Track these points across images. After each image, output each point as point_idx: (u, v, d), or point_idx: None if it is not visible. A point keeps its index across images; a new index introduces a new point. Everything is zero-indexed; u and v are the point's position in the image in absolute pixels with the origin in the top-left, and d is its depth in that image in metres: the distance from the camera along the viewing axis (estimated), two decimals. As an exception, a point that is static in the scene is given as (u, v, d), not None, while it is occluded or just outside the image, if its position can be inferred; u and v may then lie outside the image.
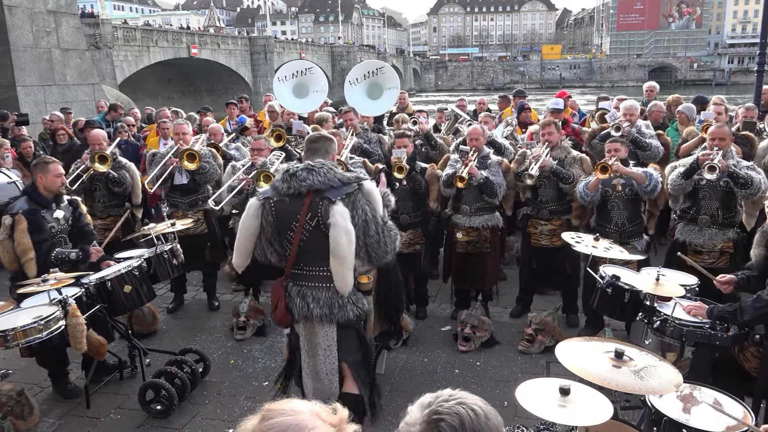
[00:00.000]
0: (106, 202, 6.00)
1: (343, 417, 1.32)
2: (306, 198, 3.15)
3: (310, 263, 3.25)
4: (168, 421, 4.14)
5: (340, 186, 3.15)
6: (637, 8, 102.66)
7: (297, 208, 3.17)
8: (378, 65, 7.52)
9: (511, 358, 4.95)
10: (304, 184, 3.14)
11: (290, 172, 3.20)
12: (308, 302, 3.22)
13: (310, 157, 3.33)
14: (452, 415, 1.35)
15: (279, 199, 3.21)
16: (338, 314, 3.23)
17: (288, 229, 3.20)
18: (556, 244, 5.39)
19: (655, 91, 8.51)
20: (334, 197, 3.09)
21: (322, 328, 3.27)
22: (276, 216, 3.22)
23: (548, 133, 5.35)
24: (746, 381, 3.35)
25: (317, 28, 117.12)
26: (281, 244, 3.27)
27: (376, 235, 3.16)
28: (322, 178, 3.14)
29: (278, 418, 1.26)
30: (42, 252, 4.35)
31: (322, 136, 3.47)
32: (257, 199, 3.29)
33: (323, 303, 3.22)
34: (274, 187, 3.26)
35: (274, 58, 47.46)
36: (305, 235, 3.18)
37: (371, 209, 3.19)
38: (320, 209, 3.12)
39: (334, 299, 3.23)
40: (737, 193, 4.67)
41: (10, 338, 3.63)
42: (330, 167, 3.20)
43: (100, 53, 28.61)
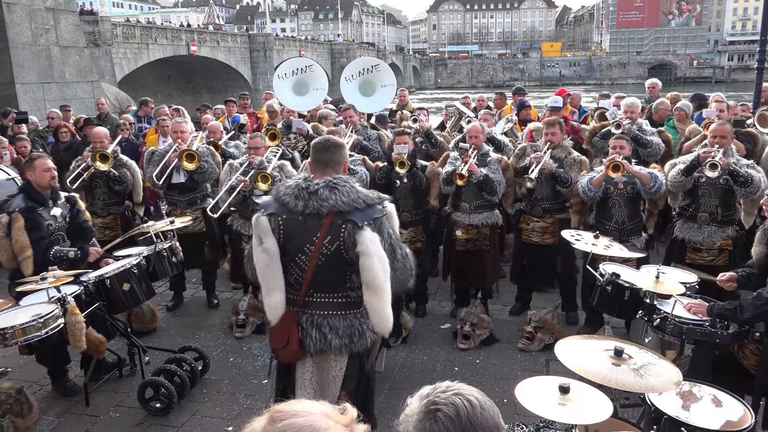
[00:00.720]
0: (106, 200, 5.99)
1: (353, 416, 1.32)
2: (326, 219, 2.78)
3: (325, 290, 2.89)
4: (167, 419, 4.14)
5: (365, 208, 2.79)
6: (637, 5, 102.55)
7: (313, 229, 2.79)
8: (373, 63, 7.53)
9: (511, 355, 4.95)
10: (325, 204, 2.76)
11: (309, 189, 2.80)
12: (325, 333, 2.87)
13: (322, 169, 2.91)
14: (448, 405, 1.37)
15: (290, 217, 2.82)
16: (358, 343, 2.91)
17: (299, 252, 2.83)
18: (547, 241, 5.40)
19: (657, 88, 8.50)
20: (360, 222, 2.74)
21: (336, 360, 2.95)
22: (284, 235, 2.84)
23: (552, 133, 5.34)
24: (746, 379, 3.35)
25: (317, 25, 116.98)
26: (284, 269, 2.89)
27: (402, 259, 2.89)
28: (346, 199, 2.77)
29: (290, 420, 1.25)
30: (40, 250, 4.34)
31: (331, 144, 3.01)
32: (263, 215, 2.87)
33: (342, 332, 2.88)
34: (283, 203, 2.84)
35: (273, 55, 47.39)
36: (321, 260, 2.82)
37: (395, 232, 2.91)
38: (343, 233, 2.76)
39: (354, 327, 2.91)
40: (737, 191, 4.67)
41: (8, 336, 3.62)
42: (353, 185, 2.84)
43: (99, 50, 28.53)
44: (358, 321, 2.93)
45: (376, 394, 4.32)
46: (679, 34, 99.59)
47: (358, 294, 2.86)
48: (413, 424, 1.39)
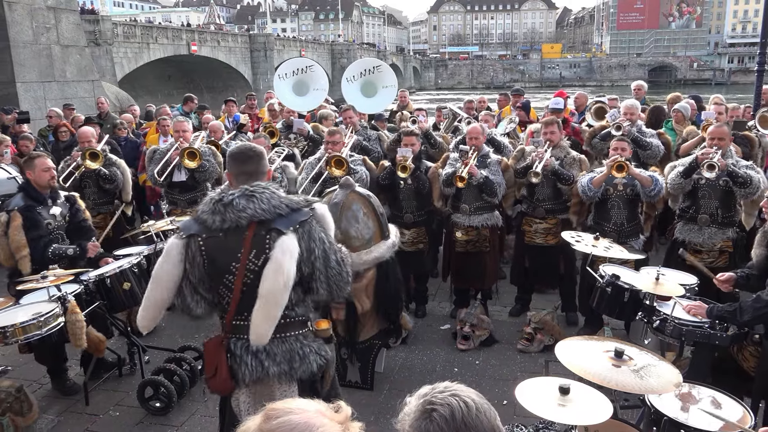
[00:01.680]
0: (96, 200, 5.98)
1: (348, 414, 1.33)
2: (248, 231, 2.51)
3: None
4: (167, 418, 4.14)
5: (289, 213, 2.53)
6: (638, 7, 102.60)
7: (236, 244, 2.52)
8: (375, 63, 7.53)
9: (510, 356, 4.95)
10: (243, 214, 2.49)
11: (223, 201, 2.54)
12: (261, 360, 2.57)
13: (244, 180, 2.61)
14: (444, 405, 1.37)
15: (209, 235, 2.55)
16: (300, 369, 2.60)
17: (225, 272, 2.56)
18: (551, 242, 5.41)
19: (643, 90, 8.55)
20: (285, 227, 2.48)
21: (280, 389, 2.63)
22: (207, 257, 2.56)
23: (551, 132, 5.35)
24: (745, 381, 3.35)
25: (317, 25, 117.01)
26: (213, 291, 2.64)
27: (337, 265, 2.62)
28: (266, 206, 2.50)
29: (285, 417, 1.25)
30: (38, 248, 4.34)
31: (251, 152, 2.69)
32: (178, 238, 2.60)
33: (281, 358, 2.58)
34: (201, 221, 2.58)
35: (274, 55, 47.41)
36: (249, 278, 2.53)
37: (327, 237, 2.62)
38: (268, 244, 2.48)
39: (293, 351, 2.60)
40: (736, 192, 4.68)
41: (9, 335, 3.63)
42: (273, 191, 2.57)
43: (100, 50, 28.54)
44: (299, 344, 2.63)
45: (376, 395, 4.35)
46: (679, 36, 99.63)
47: (298, 312, 2.63)
48: (409, 422, 1.39)
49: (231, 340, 2.64)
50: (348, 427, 1.30)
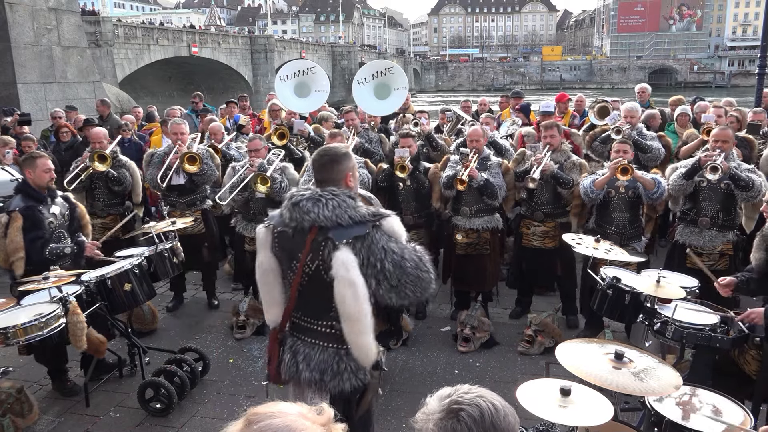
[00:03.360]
0: (106, 201, 6.00)
1: (330, 416, 1.32)
2: (309, 234, 2.52)
3: (309, 314, 2.65)
4: (167, 419, 4.14)
5: (350, 226, 2.48)
6: (638, 10, 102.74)
7: (299, 245, 2.55)
8: (387, 65, 7.51)
9: (511, 359, 4.95)
10: (307, 217, 2.50)
11: (293, 200, 2.56)
12: (298, 361, 2.62)
13: (320, 184, 2.63)
14: (473, 406, 1.36)
15: (283, 229, 2.60)
16: (330, 383, 2.58)
17: (288, 268, 2.62)
18: (548, 246, 5.41)
19: (647, 93, 8.51)
20: (338, 240, 2.45)
21: (312, 398, 2.61)
22: (279, 248, 2.63)
23: (550, 135, 5.35)
24: (746, 384, 3.35)
25: (318, 27, 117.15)
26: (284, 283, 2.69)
27: (415, 269, 2.52)
28: (329, 213, 2.47)
29: (266, 421, 1.24)
30: (36, 249, 4.34)
31: (331, 153, 2.67)
32: (264, 226, 2.69)
33: (314, 366, 2.59)
34: (281, 213, 2.64)
35: (274, 57, 47.47)
36: (305, 280, 2.57)
37: (398, 246, 2.53)
38: (322, 252, 2.49)
39: (328, 363, 2.59)
40: (738, 195, 4.69)
41: (10, 335, 3.63)
42: (343, 199, 2.52)
43: (101, 51, 28.56)
44: (337, 358, 2.60)
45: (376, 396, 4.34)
46: (679, 39, 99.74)
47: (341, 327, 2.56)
48: (434, 422, 1.38)
49: (288, 335, 2.71)
50: (330, 429, 1.29)
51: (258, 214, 5.55)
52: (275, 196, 5.41)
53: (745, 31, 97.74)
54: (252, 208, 5.55)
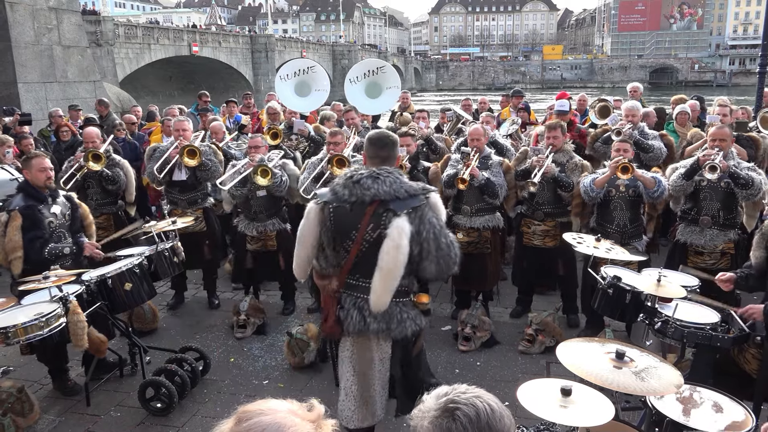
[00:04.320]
0: (99, 200, 5.99)
1: (320, 413, 1.32)
2: (369, 207, 2.97)
3: (367, 275, 3.01)
4: (168, 419, 4.14)
5: (406, 198, 2.95)
6: (639, 9, 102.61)
7: (358, 217, 2.99)
8: (379, 64, 7.52)
9: (512, 358, 4.95)
10: (368, 192, 2.95)
11: (354, 178, 3.01)
12: (365, 316, 3.03)
13: (378, 163, 3.10)
14: (469, 405, 1.36)
15: (339, 205, 3.03)
16: (396, 330, 3.04)
17: (346, 237, 3.03)
18: (549, 245, 5.40)
19: (639, 92, 8.46)
20: (399, 210, 2.91)
21: (377, 342, 3.10)
22: (334, 222, 3.04)
23: (554, 136, 5.34)
24: (747, 383, 3.35)
25: (318, 26, 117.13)
26: (334, 251, 3.11)
27: (447, 247, 2.97)
28: (387, 188, 2.94)
29: (255, 419, 1.24)
30: (35, 248, 4.34)
31: (387, 139, 3.19)
32: (315, 203, 3.09)
33: (381, 317, 3.02)
34: (334, 191, 3.06)
35: (275, 56, 47.47)
36: (364, 246, 3.00)
37: (438, 221, 3.00)
38: (384, 221, 2.93)
39: (392, 314, 3.04)
40: (738, 194, 4.68)
41: (10, 335, 3.63)
42: (397, 176, 3.01)
43: (102, 50, 28.59)
44: (399, 309, 3.05)
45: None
46: (680, 38, 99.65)
47: (402, 283, 2.99)
48: (429, 419, 1.37)
49: (343, 294, 3.11)
50: (320, 425, 1.29)
51: (259, 212, 5.56)
52: (275, 191, 5.42)
53: (746, 30, 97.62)
54: (253, 207, 5.56)
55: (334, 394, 4.24)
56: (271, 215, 5.60)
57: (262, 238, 5.64)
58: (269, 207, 5.58)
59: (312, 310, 5.85)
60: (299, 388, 4.54)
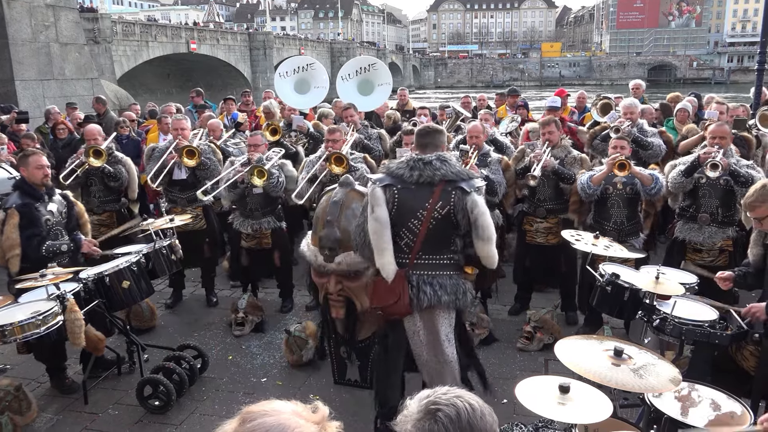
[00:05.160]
0: (101, 197, 5.99)
1: (325, 414, 1.32)
2: (437, 187, 3.21)
3: (434, 252, 3.29)
4: (166, 416, 4.14)
5: (468, 179, 3.25)
6: (637, 6, 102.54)
7: (425, 196, 3.22)
8: (370, 61, 7.53)
9: (510, 355, 4.95)
10: (438, 173, 3.21)
11: (424, 160, 3.27)
12: (436, 290, 3.27)
13: (423, 150, 3.37)
14: (449, 406, 1.37)
15: (404, 186, 3.25)
16: (462, 300, 3.34)
17: (412, 217, 3.25)
18: (552, 242, 5.40)
19: (641, 89, 8.42)
20: (468, 188, 3.20)
21: (442, 315, 3.34)
22: (398, 204, 3.25)
23: (549, 132, 5.34)
24: (745, 380, 3.35)
25: (317, 24, 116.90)
26: (395, 234, 3.28)
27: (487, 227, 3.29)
28: (455, 170, 3.24)
29: (259, 420, 1.25)
30: (33, 246, 4.33)
31: (432, 129, 3.50)
32: (378, 187, 3.28)
33: (450, 290, 3.29)
34: (396, 175, 3.28)
35: (273, 53, 47.37)
36: (432, 224, 3.22)
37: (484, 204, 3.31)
38: (453, 198, 3.20)
39: (459, 285, 3.32)
40: (737, 191, 4.68)
41: (7, 333, 3.61)
42: (456, 161, 3.35)
43: (99, 48, 28.49)
44: (462, 281, 3.35)
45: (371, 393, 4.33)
46: (678, 35, 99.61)
47: (458, 258, 3.35)
48: (412, 423, 1.39)
49: (412, 274, 3.29)
50: (325, 427, 1.29)
51: (255, 209, 5.55)
52: (271, 191, 5.40)
53: (745, 27, 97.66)
54: (249, 204, 5.55)
55: (333, 392, 4.27)
56: (266, 213, 5.59)
57: (257, 236, 5.63)
58: (265, 205, 5.57)
59: (310, 307, 5.84)
60: (297, 385, 4.54)
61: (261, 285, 6.21)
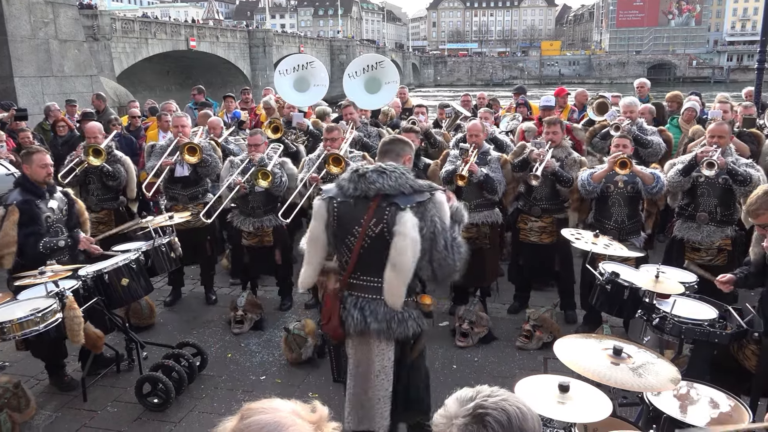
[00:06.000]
0: (100, 196, 5.97)
1: (323, 415, 1.31)
2: (372, 202, 2.91)
3: (369, 273, 2.99)
4: (165, 414, 4.14)
5: (411, 193, 2.90)
6: (637, 5, 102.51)
7: (361, 211, 2.94)
8: (378, 59, 7.51)
9: (509, 354, 4.95)
10: (372, 186, 2.90)
11: (359, 172, 2.96)
12: (366, 315, 2.97)
13: (382, 159, 3.13)
14: (499, 410, 1.33)
15: (343, 200, 2.98)
16: (397, 330, 2.97)
17: (348, 233, 2.97)
18: (545, 241, 5.40)
19: (646, 88, 8.33)
20: (403, 204, 2.85)
21: (378, 345, 3.02)
22: (338, 218, 2.99)
23: (553, 132, 5.33)
24: (744, 379, 3.35)
25: (316, 21, 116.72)
26: (338, 249, 3.07)
27: (444, 250, 2.89)
28: (393, 183, 2.89)
29: (256, 417, 1.25)
30: (31, 243, 4.33)
31: (396, 138, 3.28)
32: (321, 199, 3.05)
33: (381, 317, 2.96)
34: (339, 186, 3.02)
35: (272, 51, 47.31)
36: (367, 242, 2.93)
37: (441, 221, 2.91)
38: (386, 215, 2.88)
39: (393, 313, 2.96)
40: (736, 190, 4.68)
41: (6, 330, 3.61)
42: (402, 172, 2.95)
43: (99, 45, 28.45)
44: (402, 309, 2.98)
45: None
46: (678, 34, 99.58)
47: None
48: (457, 427, 1.34)
49: (345, 294, 3.05)
50: (322, 427, 1.28)
51: (257, 208, 5.55)
52: (275, 190, 5.41)
53: (744, 26, 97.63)
54: (250, 203, 5.55)
55: (332, 390, 4.27)
56: (268, 211, 5.59)
57: (258, 234, 5.63)
58: (267, 203, 5.57)
59: (309, 305, 5.84)
60: (296, 383, 4.54)
61: (260, 283, 6.21)
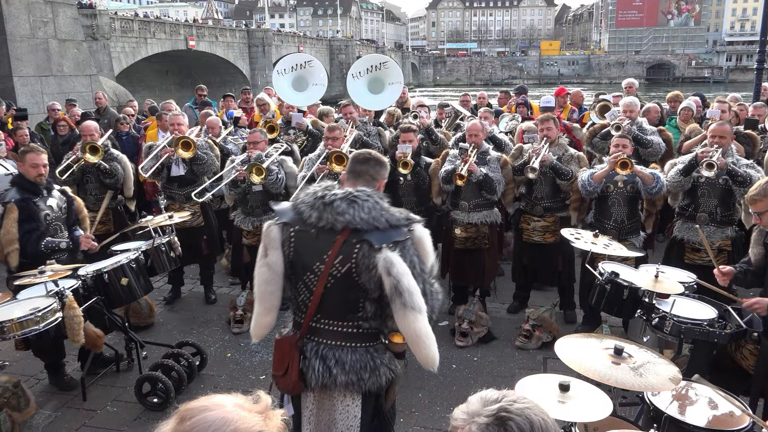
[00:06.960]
0: (97, 194, 5.96)
1: (268, 404, 1.29)
2: (339, 236, 2.42)
3: (333, 317, 2.51)
4: (164, 414, 4.11)
5: (387, 229, 2.41)
6: (636, 5, 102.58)
7: (325, 246, 2.43)
8: (382, 60, 7.50)
9: (509, 353, 4.95)
10: (341, 218, 2.40)
11: (325, 199, 2.45)
12: (330, 366, 2.48)
13: (353, 180, 2.58)
14: (523, 418, 1.31)
15: (302, 228, 2.48)
16: (369, 381, 2.49)
17: (307, 270, 2.48)
18: (549, 240, 5.40)
19: (634, 88, 8.40)
20: (378, 243, 2.36)
21: (343, 401, 2.54)
22: (295, 250, 2.50)
23: (547, 128, 5.34)
24: (743, 379, 3.35)
25: (315, 21, 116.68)
26: (293, 285, 2.57)
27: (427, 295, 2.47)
28: (365, 216, 2.40)
29: (200, 416, 1.20)
30: (32, 241, 4.33)
31: (371, 157, 2.69)
32: (275, 224, 2.54)
33: (350, 367, 2.47)
34: (299, 211, 2.50)
35: (272, 51, 47.33)
36: (331, 282, 2.45)
37: (420, 262, 2.47)
38: (356, 254, 2.39)
39: (364, 362, 2.50)
40: (736, 191, 4.68)
41: (6, 330, 3.61)
42: (377, 200, 2.47)
43: (98, 44, 28.44)
44: (370, 355, 2.52)
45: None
46: (677, 34, 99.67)
47: (372, 325, 2.52)
48: (478, 426, 1.32)
49: (305, 341, 2.55)
50: (268, 416, 1.27)
51: (256, 207, 5.55)
52: (271, 188, 5.41)
53: (743, 27, 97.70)
54: (249, 201, 5.55)
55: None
56: (267, 210, 5.58)
57: (258, 233, 5.62)
58: (266, 202, 5.57)
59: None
60: (296, 383, 4.53)
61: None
